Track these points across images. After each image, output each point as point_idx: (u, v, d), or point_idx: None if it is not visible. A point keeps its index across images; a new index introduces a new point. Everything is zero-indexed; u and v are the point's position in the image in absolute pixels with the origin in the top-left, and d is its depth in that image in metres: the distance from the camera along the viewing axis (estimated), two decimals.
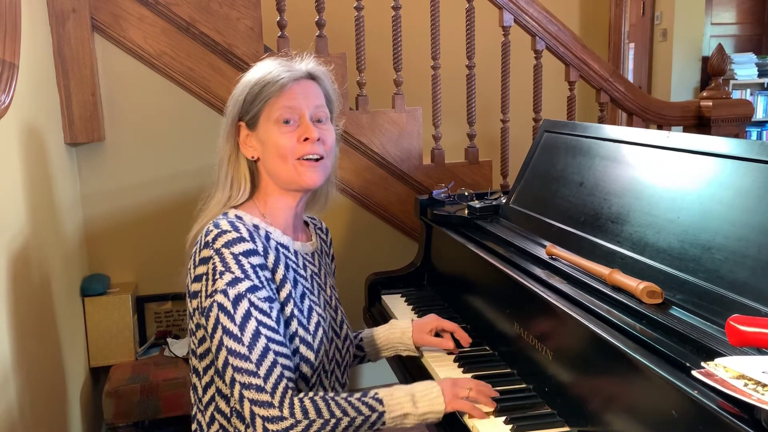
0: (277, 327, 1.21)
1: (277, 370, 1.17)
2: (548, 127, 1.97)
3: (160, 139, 2.61)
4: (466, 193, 2.20)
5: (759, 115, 5.42)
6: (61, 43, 2.37)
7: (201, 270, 1.22)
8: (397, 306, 1.97)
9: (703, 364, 0.95)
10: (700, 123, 3.01)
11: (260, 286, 1.21)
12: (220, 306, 1.18)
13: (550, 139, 1.93)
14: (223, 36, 2.54)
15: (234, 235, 1.21)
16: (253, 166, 1.34)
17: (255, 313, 1.19)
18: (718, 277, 1.15)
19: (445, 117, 2.93)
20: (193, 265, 1.24)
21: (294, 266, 1.33)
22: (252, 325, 1.18)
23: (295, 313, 1.27)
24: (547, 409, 1.29)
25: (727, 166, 1.27)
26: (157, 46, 2.52)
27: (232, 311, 1.18)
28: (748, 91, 5.43)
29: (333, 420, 1.17)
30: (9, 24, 1.67)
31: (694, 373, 0.93)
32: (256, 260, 1.22)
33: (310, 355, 1.27)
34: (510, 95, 2.92)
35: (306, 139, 1.28)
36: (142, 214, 2.62)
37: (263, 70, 1.31)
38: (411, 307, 1.95)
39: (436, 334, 1.56)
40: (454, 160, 2.90)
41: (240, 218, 1.28)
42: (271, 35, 2.70)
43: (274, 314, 1.22)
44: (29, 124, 1.91)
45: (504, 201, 2.00)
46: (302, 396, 1.18)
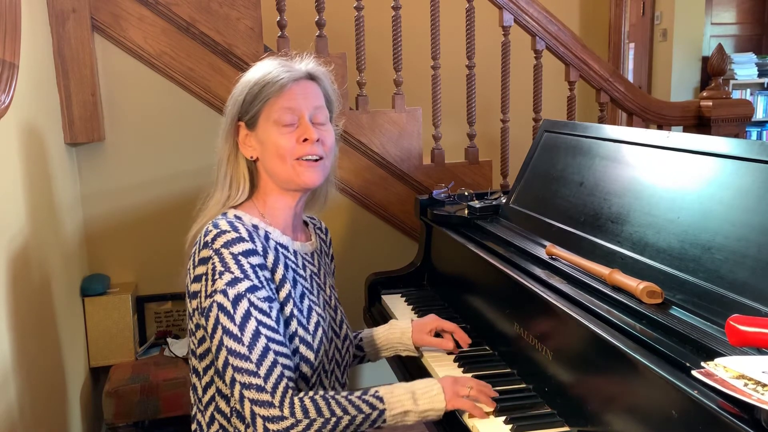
0: (276, 327, 1.21)
1: (277, 370, 1.17)
2: (548, 127, 1.97)
3: (160, 139, 2.61)
4: (466, 193, 2.20)
5: (759, 115, 5.42)
6: (61, 43, 2.37)
7: (200, 270, 1.22)
8: (397, 306, 1.97)
9: (703, 364, 0.95)
10: (700, 123, 3.00)
11: (260, 286, 1.21)
12: (220, 306, 1.18)
13: (550, 139, 1.93)
14: (223, 36, 2.54)
15: (233, 235, 1.21)
16: (252, 166, 1.34)
17: (255, 313, 1.19)
18: (718, 277, 1.15)
19: (445, 117, 2.93)
20: (192, 266, 1.24)
21: (293, 266, 1.33)
22: (252, 325, 1.18)
23: (295, 313, 1.27)
24: (547, 409, 1.30)
25: (727, 166, 1.27)
26: (157, 46, 2.52)
27: (232, 311, 1.18)
28: (748, 91, 5.43)
29: (334, 419, 1.17)
30: (9, 24, 1.67)
31: (694, 373, 0.93)
32: (256, 260, 1.22)
33: (310, 355, 1.27)
34: (510, 95, 2.92)
35: (305, 140, 1.28)
36: (142, 214, 2.62)
37: (263, 70, 1.31)
38: (411, 307, 1.95)
39: (436, 335, 1.56)
40: (454, 160, 2.90)
41: (239, 218, 1.28)
42: (271, 35, 2.69)
43: (274, 314, 1.22)
44: (29, 124, 1.91)
45: (504, 201, 2.00)
46: (302, 395, 1.18)
